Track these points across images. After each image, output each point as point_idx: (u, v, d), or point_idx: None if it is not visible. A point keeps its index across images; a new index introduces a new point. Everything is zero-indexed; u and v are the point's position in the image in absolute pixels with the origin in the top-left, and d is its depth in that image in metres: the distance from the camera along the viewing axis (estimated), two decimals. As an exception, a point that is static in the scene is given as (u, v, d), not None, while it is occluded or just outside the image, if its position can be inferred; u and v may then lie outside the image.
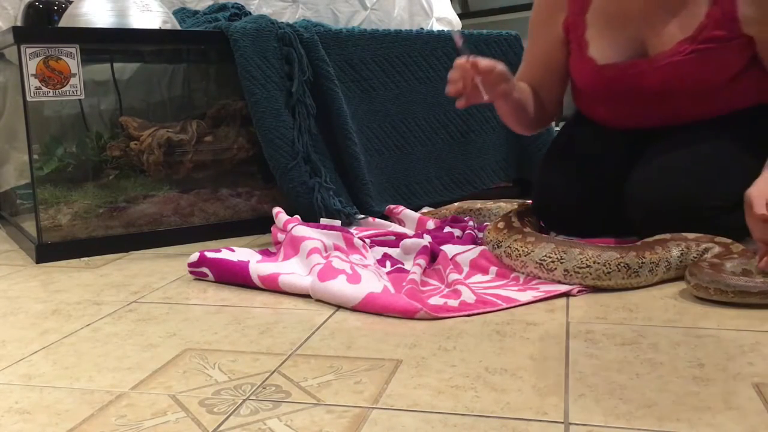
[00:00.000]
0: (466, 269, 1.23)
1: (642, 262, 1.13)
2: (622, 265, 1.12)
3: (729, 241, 1.18)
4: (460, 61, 1.20)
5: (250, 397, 0.77)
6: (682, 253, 1.17)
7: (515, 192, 2.00)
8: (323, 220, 1.46)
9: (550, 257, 1.15)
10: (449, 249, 1.29)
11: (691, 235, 1.20)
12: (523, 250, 1.19)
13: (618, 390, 0.77)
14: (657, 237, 1.21)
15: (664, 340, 0.91)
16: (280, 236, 1.36)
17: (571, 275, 1.14)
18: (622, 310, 1.03)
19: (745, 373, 0.80)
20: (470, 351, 0.89)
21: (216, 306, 1.11)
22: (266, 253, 1.35)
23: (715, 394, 0.75)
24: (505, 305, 1.06)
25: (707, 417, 0.70)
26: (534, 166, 1.88)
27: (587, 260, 1.13)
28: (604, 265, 1.12)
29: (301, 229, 1.32)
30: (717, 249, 1.17)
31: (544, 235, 1.21)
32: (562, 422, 0.70)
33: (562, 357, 0.86)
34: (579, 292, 1.12)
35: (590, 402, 0.74)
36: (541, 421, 0.70)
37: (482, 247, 1.30)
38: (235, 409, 0.74)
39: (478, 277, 1.21)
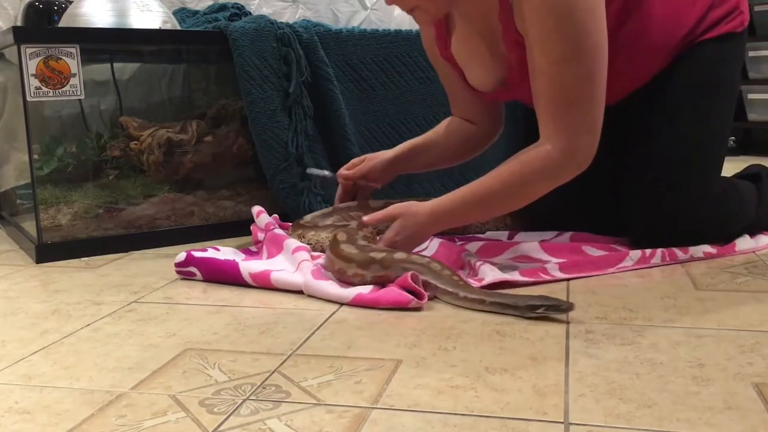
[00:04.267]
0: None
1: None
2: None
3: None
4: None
5: (250, 397, 0.77)
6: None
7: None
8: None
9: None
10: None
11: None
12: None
13: (618, 390, 0.77)
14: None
15: (664, 340, 0.91)
16: (260, 235, 1.38)
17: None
18: (622, 310, 1.03)
19: (745, 373, 0.81)
20: (470, 351, 0.89)
21: (216, 306, 1.11)
22: (248, 252, 1.36)
23: (715, 394, 0.75)
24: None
25: (707, 417, 0.70)
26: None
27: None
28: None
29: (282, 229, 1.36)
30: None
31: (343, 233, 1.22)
32: (562, 422, 0.70)
33: (562, 357, 0.86)
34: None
35: (590, 402, 0.74)
36: (541, 421, 0.70)
37: (440, 240, 1.33)
38: (235, 409, 0.74)
39: None
